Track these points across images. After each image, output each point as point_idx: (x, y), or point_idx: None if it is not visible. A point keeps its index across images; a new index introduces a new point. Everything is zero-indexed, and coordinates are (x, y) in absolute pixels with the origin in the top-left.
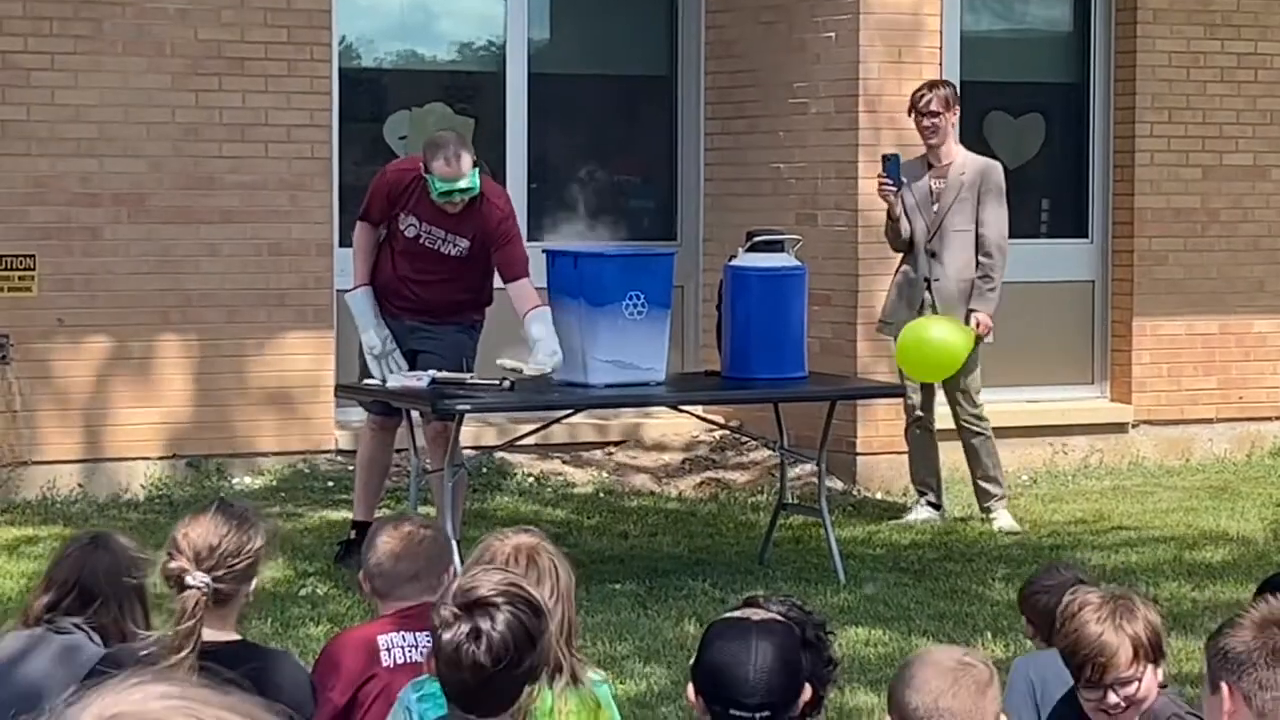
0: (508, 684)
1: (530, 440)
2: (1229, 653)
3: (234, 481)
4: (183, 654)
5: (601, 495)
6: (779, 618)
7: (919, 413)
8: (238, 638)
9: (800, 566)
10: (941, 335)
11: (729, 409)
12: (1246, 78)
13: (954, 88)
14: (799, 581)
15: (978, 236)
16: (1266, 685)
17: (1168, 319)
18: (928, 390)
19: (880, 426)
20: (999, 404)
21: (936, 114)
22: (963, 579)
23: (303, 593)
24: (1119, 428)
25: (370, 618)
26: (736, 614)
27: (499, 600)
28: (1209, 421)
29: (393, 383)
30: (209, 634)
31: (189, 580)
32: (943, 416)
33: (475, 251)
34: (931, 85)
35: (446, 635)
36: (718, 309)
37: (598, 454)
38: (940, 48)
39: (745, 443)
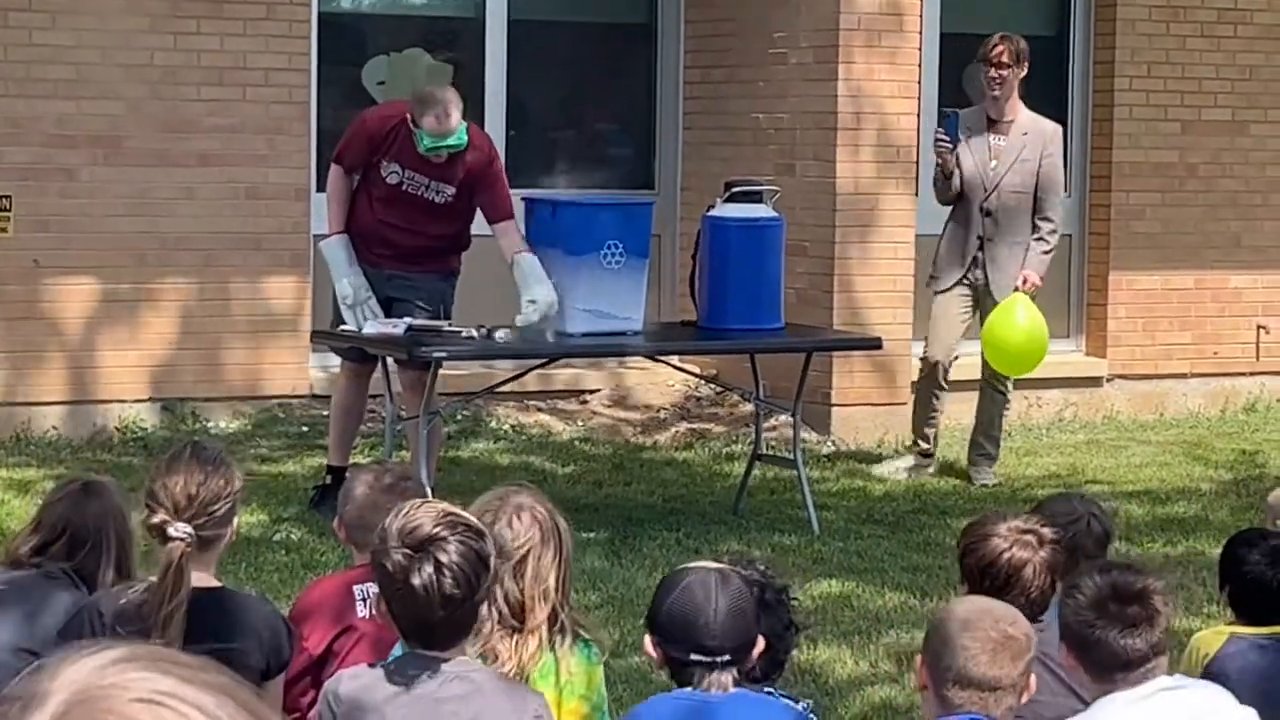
0: (469, 611)
1: (507, 388)
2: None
3: (209, 424)
4: (170, 605)
5: (576, 444)
6: (732, 568)
7: (935, 362)
8: (217, 585)
9: (774, 518)
10: (1024, 331)
11: (705, 359)
12: (1226, 33)
13: (1026, 43)
14: (773, 532)
15: (1035, 199)
16: None
17: (1144, 273)
18: (952, 343)
19: (856, 378)
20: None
21: (1006, 66)
22: (936, 531)
23: (277, 538)
24: (1093, 382)
25: (345, 564)
26: (692, 565)
27: (445, 533)
28: (1183, 376)
29: (369, 329)
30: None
31: (171, 532)
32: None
33: (460, 197)
34: (1004, 37)
35: (414, 579)
36: (694, 259)
37: (573, 403)
38: (921, 0)
39: (721, 393)
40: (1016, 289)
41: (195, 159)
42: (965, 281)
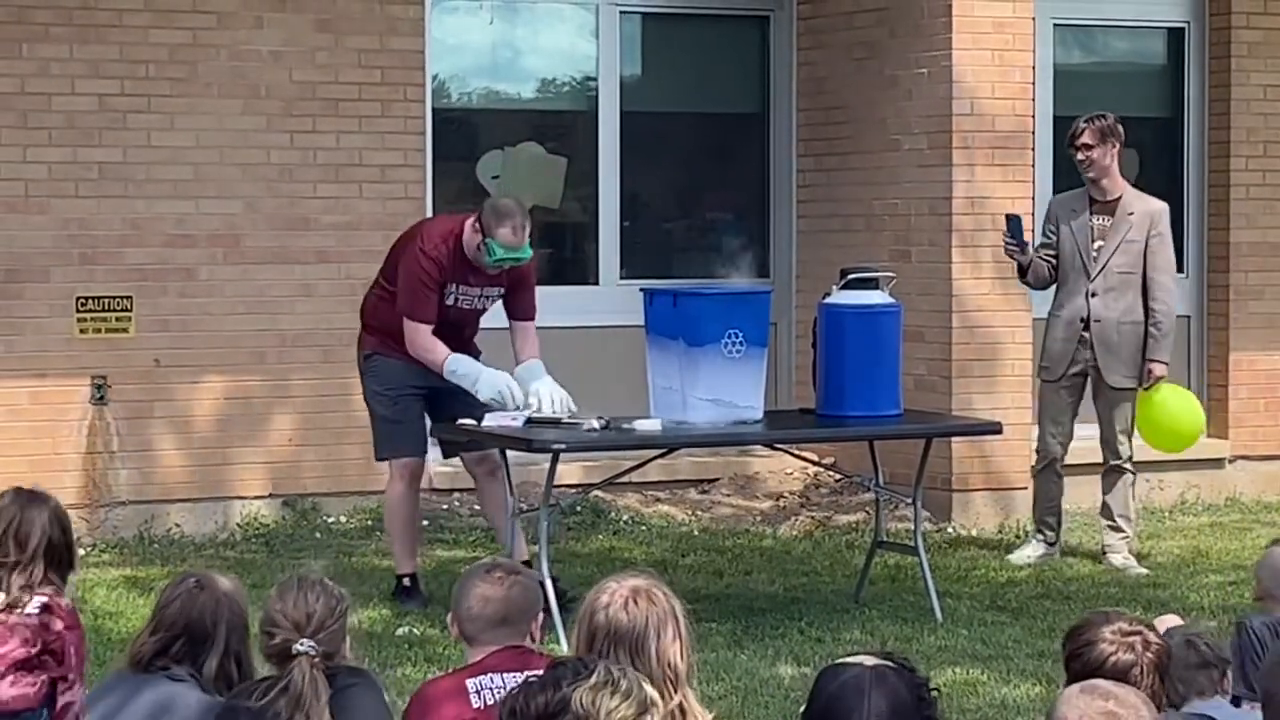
0: None
1: (626, 479)
2: None
3: (329, 519)
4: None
5: (696, 533)
6: (891, 664)
7: (1054, 456)
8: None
9: (897, 605)
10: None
11: (824, 447)
12: None
13: (1115, 120)
14: (895, 621)
15: (1145, 280)
16: None
17: (1264, 353)
18: (1068, 432)
19: (975, 463)
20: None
21: (1090, 146)
22: (1061, 617)
23: (399, 632)
24: (1215, 463)
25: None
26: (849, 660)
27: None
28: None
29: (489, 422)
30: None
31: (297, 648)
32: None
33: (505, 295)
34: (1090, 117)
35: None
36: (813, 347)
37: (694, 492)
38: (1033, 83)
39: (840, 480)
40: (1145, 386)
41: (313, 256)
42: (1075, 367)
